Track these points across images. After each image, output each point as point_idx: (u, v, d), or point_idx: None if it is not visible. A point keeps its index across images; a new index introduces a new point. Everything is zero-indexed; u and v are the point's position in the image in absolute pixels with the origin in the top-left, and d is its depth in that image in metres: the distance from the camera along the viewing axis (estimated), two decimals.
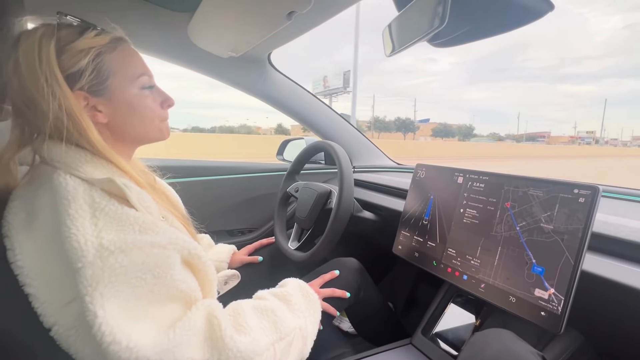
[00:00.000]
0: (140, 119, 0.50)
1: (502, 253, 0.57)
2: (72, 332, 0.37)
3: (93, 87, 0.45)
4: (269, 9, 0.65)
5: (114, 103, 0.47)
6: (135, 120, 0.49)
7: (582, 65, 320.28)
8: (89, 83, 0.45)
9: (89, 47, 0.44)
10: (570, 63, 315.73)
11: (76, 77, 0.44)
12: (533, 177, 0.56)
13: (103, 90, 0.46)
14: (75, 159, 0.42)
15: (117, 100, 0.47)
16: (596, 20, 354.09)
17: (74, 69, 0.43)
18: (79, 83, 0.44)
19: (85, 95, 0.45)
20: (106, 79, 0.46)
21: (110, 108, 0.47)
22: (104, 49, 0.46)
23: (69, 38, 0.44)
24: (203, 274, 0.46)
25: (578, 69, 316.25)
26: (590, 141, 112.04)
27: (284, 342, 0.49)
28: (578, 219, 0.49)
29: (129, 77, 0.48)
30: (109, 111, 0.47)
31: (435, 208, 0.73)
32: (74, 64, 0.43)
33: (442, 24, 0.44)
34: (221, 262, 0.82)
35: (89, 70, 0.44)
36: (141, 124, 0.50)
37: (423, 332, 0.72)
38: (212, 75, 1.11)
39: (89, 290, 0.35)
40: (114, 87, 0.47)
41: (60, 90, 0.41)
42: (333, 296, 0.69)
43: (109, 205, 0.39)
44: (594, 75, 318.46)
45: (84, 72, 0.44)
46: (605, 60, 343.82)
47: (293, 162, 1.01)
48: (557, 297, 0.48)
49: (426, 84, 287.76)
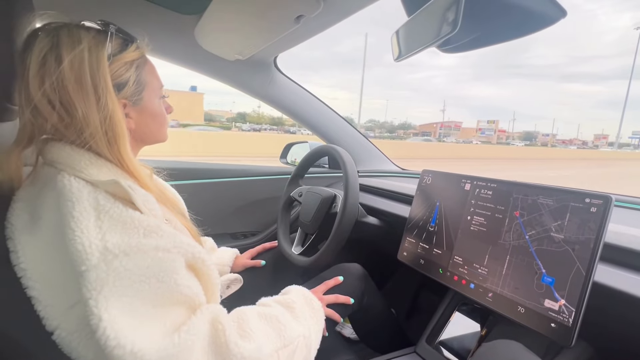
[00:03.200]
0: (158, 125, 0.55)
1: (510, 262, 0.57)
2: (74, 336, 0.37)
3: (132, 96, 0.48)
4: (278, 12, 0.65)
5: (142, 111, 0.51)
6: (154, 126, 0.54)
7: (592, 64, 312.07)
8: (131, 93, 0.48)
9: (132, 59, 0.48)
10: (579, 62, 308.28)
11: (122, 86, 0.46)
12: (543, 185, 0.56)
13: (139, 100, 0.50)
14: (79, 161, 0.41)
15: (145, 109, 0.51)
16: (606, 18, 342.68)
17: (121, 80, 0.46)
18: (123, 92, 0.47)
19: (126, 104, 0.48)
20: (142, 89, 0.50)
21: (138, 115, 0.51)
22: (141, 62, 0.50)
23: (117, 48, 0.46)
24: (207, 278, 0.46)
25: (587, 68, 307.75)
26: (492, 134, 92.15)
27: (287, 350, 0.48)
28: (590, 229, 0.48)
29: (155, 88, 0.53)
30: (137, 118, 0.51)
31: (441, 215, 0.72)
32: (122, 74, 0.46)
33: (454, 30, 0.44)
34: (224, 266, 0.82)
35: (132, 80, 0.47)
36: (158, 129, 0.55)
37: (427, 341, 0.71)
38: (218, 78, 1.11)
39: (93, 293, 0.34)
40: (146, 97, 0.51)
41: (111, 100, 0.43)
42: (337, 302, 0.68)
43: (114, 207, 0.39)
44: (603, 75, 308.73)
45: (128, 82, 0.47)
46: (615, 60, 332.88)
47: (297, 166, 1.00)
48: (568, 309, 0.47)
49: (430, 78, 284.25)
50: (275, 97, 1.18)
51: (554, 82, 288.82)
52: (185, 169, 1.13)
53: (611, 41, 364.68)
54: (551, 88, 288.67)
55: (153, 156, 0.87)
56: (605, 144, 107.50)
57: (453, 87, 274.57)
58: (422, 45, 0.54)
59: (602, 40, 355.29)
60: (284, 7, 0.63)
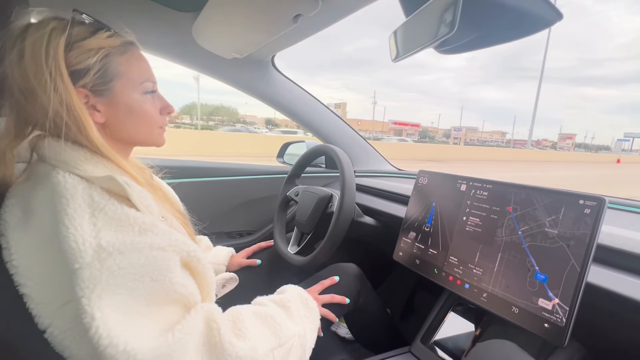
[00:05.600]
0: (136, 123, 0.50)
1: (502, 259, 0.57)
2: (67, 335, 0.36)
3: (96, 86, 0.45)
4: (276, 11, 0.65)
5: (114, 104, 0.47)
6: (131, 123, 0.49)
7: (605, 67, 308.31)
8: (93, 82, 0.44)
9: (98, 47, 0.44)
10: (592, 65, 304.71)
11: (81, 74, 0.43)
12: (539, 187, 0.56)
13: (105, 90, 0.46)
14: (74, 157, 0.41)
15: (117, 102, 0.47)
16: (619, 20, 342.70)
17: (80, 66, 0.43)
18: (82, 80, 0.44)
19: (87, 94, 0.45)
20: (110, 80, 0.46)
21: (109, 108, 0.47)
22: (114, 51, 0.46)
23: (81, 35, 0.44)
24: (202, 277, 0.46)
25: (600, 72, 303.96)
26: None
27: (283, 349, 0.48)
28: (586, 224, 0.48)
29: (133, 81, 0.48)
30: (108, 111, 0.47)
31: (437, 215, 0.73)
32: (81, 61, 0.43)
33: (451, 31, 0.44)
34: (219, 265, 0.81)
35: (95, 69, 0.44)
36: (136, 128, 0.50)
37: (422, 340, 0.71)
38: (215, 76, 1.11)
39: (86, 292, 0.34)
40: (117, 89, 0.47)
41: (63, 85, 0.41)
42: (332, 302, 0.68)
43: (109, 204, 0.38)
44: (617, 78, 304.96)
45: (89, 71, 0.44)
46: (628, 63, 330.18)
47: (294, 165, 1.00)
48: (562, 308, 0.47)
49: (439, 80, 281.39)
50: (272, 96, 1.17)
51: (565, 85, 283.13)
52: (181, 167, 1.12)
53: (624, 44, 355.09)
54: (563, 91, 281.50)
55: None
56: (572, 146, 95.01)
57: (462, 90, 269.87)
58: (420, 45, 0.55)
59: (614, 42, 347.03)
60: (282, 6, 0.63)
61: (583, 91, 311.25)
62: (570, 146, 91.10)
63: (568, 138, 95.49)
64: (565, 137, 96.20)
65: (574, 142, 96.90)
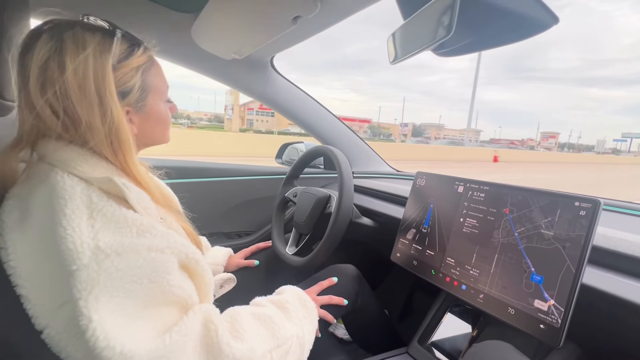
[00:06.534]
0: (163, 129, 0.53)
1: (499, 260, 0.57)
2: (63, 336, 0.36)
3: (136, 102, 0.46)
4: (275, 13, 0.65)
5: (146, 115, 0.49)
6: (159, 129, 0.52)
7: (611, 68, 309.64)
8: (136, 99, 0.46)
9: (138, 65, 0.45)
10: (598, 65, 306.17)
11: (126, 94, 0.44)
12: (535, 188, 0.57)
13: (143, 105, 0.48)
14: (74, 158, 0.41)
15: (149, 113, 0.49)
16: (624, 20, 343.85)
17: (126, 87, 0.44)
18: (127, 99, 0.45)
19: (129, 110, 0.46)
20: (147, 95, 0.48)
21: (142, 120, 0.49)
22: (147, 66, 0.47)
23: (123, 54, 0.44)
24: (200, 278, 0.46)
25: (606, 72, 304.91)
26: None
27: (281, 350, 0.48)
28: (581, 225, 0.48)
29: (161, 92, 0.50)
30: (140, 123, 0.49)
31: (434, 216, 0.73)
32: (126, 82, 0.44)
33: (449, 34, 0.45)
34: (217, 265, 0.81)
35: (137, 87, 0.45)
36: (162, 132, 0.53)
37: (419, 341, 0.71)
38: (214, 77, 1.11)
39: (84, 294, 0.34)
40: (150, 101, 0.49)
41: (115, 109, 0.41)
42: (330, 303, 0.69)
43: (107, 205, 0.38)
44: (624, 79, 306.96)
45: (133, 89, 0.45)
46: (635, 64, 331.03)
47: (292, 166, 1.01)
48: (557, 309, 0.48)
49: (443, 81, 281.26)
50: (271, 97, 1.18)
51: (570, 86, 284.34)
52: (180, 168, 1.12)
53: (631, 44, 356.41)
54: (568, 92, 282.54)
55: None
56: (555, 145, 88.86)
57: (466, 91, 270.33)
58: (418, 48, 0.55)
59: (620, 43, 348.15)
60: (282, 8, 0.63)
61: (589, 92, 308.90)
62: (554, 145, 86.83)
63: (551, 137, 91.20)
64: (548, 135, 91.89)
65: (557, 142, 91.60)
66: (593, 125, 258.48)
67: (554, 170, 15.33)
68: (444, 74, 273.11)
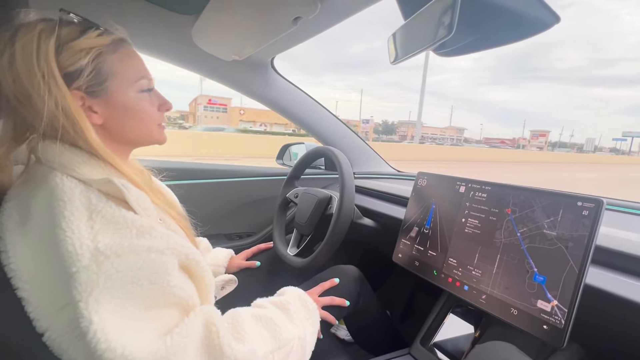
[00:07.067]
0: (136, 122, 0.49)
1: (501, 260, 0.57)
2: (64, 338, 0.36)
3: (90, 87, 0.44)
4: (275, 14, 0.65)
5: (110, 105, 0.46)
6: (131, 122, 0.49)
7: (617, 67, 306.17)
8: (87, 83, 0.44)
9: (90, 46, 0.43)
10: (603, 65, 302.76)
11: (74, 76, 0.43)
12: (537, 188, 0.56)
13: (101, 91, 0.45)
14: (72, 160, 0.41)
15: (114, 102, 0.46)
16: (630, 19, 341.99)
17: (73, 68, 0.42)
18: (76, 82, 0.43)
19: (82, 95, 0.44)
20: (105, 80, 0.45)
21: (106, 109, 0.46)
22: (105, 50, 0.45)
23: (70, 36, 0.43)
24: (200, 280, 0.45)
25: (612, 72, 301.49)
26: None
27: (282, 352, 0.48)
28: (584, 225, 0.48)
29: (128, 79, 0.47)
30: (105, 112, 0.46)
31: (436, 217, 0.73)
32: (73, 63, 0.42)
33: (449, 34, 0.44)
34: (218, 267, 0.81)
35: (88, 70, 0.43)
36: (137, 127, 0.49)
37: (422, 342, 0.71)
38: (214, 78, 1.11)
39: (84, 295, 0.34)
40: (112, 88, 0.46)
41: (57, 88, 0.40)
42: (332, 304, 0.68)
43: (106, 207, 0.38)
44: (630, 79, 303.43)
45: (82, 72, 0.43)
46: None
47: (293, 167, 1.01)
48: (561, 310, 0.48)
49: (447, 80, 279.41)
50: (272, 98, 1.18)
51: (575, 86, 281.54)
52: (180, 169, 1.12)
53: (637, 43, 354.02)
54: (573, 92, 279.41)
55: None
56: (546, 144, 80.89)
57: (471, 91, 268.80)
58: (419, 48, 0.55)
59: (626, 42, 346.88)
60: (282, 9, 0.63)
61: (594, 92, 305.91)
62: (544, 144, 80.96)
63: (541, 135, 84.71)
64: (539, 134, 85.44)
65: (547, 140, 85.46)
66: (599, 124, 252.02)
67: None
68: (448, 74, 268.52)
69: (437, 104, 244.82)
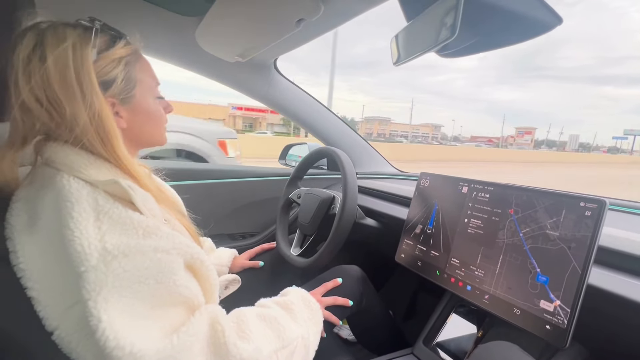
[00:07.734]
0: (153, 125, 0.53)
1: (504, 261, 0.57)
2: (74, 337, 0.37)
3: (122, 94, 0.47)
4: (279, 16, 0.65)
5: (135, 110, 0.49)
6: (150, 126, 0.52)
7: (625, 65, 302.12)
8: (119, 91, 0.46)
9: (120, 56, 0.46)
10: (611, 63, 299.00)
11: (109, 84, 0.45)
12: (539, 189, 0.56)
13: (130, 98, 0.48)
14: (78, 161, 0.42)
15: (138, 108, 0.50)
16: (638, 16, 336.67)
17: (108, 77, 0.45)
18: (110, 90, 0.45)
19: (114, 102, 0.46)
20: (133, 87, 0.48)
21: (131, 114, 0.49)
22: (130, 59, 0.48)
23: (104, 45, 0.45)
24: (205, 279, 0.46)
25: (620, 70, 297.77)
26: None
27: (286, 351, 0.49)
28: (587, 226, 0.48)
29: (149, 86, 0.51)
30: (129, 117, 0.49)
31: (439, 217, 0.73)
32: (109, 72, 0.45)
33: (452, 36, 0.45)
34: (222, 266, 0.82)
35: (121, 78, 0.46)
36: (154, 130, 0.53)
37: (424, 342, 0.71)
38: (217, 79, 1.12)
39: (93, 294, 0.34)
40: (138, 95, 0.49)
41: (96, 98, 0.42)
42: (335, 304, 0.69)
43: (113, 208, 0.39)
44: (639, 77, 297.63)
45: (116, 80, 0.45)
46: None
47: (296, 168, 1.01)
48: (563, 310, 0.48)
49: (452, 80, 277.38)
50: (275, 99, 1.18)
51: (583, 85, 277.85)
52: (184, 170, 1.13)
53: None
54: (581, 91, 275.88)
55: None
56: (531, 142, 74.83)
57: (476, 91, 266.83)
58: (421, 50, 0.55)
59: (635, 40, 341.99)
60: (285, 11, 0.64)
61: (603, 91, 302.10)
62: (529, 142, 75.36)
63: (527, 133, 78.61)
64: (524, 131, 79.22)
65: (533, 138, 78.88)
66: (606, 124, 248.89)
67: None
68: (452, 74, 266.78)
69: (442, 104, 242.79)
